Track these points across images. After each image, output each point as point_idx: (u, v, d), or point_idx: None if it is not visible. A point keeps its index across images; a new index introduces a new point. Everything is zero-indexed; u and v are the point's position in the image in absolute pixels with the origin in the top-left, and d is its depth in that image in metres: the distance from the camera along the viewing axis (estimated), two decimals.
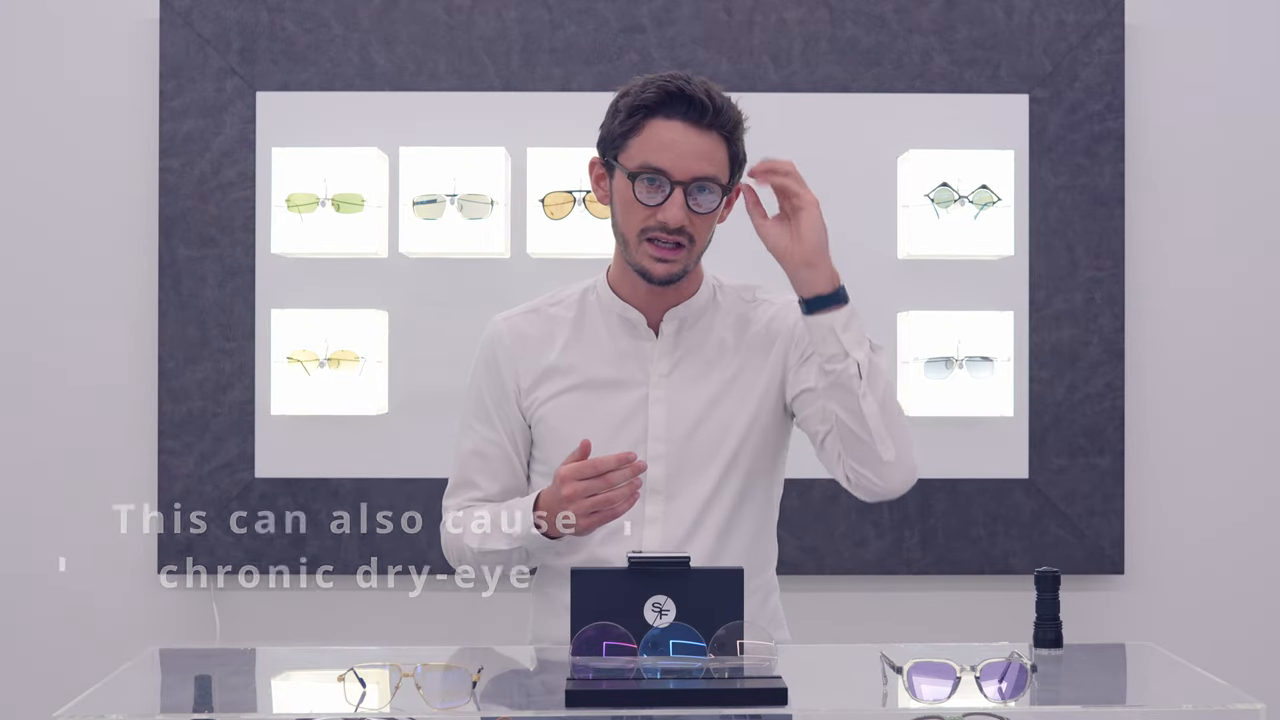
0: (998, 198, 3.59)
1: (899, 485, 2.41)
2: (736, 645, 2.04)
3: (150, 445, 3.68)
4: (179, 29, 3.65)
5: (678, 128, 2.37)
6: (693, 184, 2.37)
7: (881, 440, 2.36)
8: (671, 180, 2.36)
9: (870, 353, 2.36)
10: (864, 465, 2.39)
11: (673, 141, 2.37)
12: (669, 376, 2.49)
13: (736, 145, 2.43)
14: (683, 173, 2.36)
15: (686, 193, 2.37)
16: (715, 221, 2.44)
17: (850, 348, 2.34)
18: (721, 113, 2.38)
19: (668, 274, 2.41)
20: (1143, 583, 3.74)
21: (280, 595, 3.69)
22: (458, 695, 1.92)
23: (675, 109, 2.37)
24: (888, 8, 3.69)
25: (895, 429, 2.38)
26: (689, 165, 2.36)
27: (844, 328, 2.35)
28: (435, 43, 3.68)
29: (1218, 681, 2.06)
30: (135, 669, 2.23)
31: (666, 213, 2.36)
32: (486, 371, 2.54)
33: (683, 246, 2.39)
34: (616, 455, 2.29)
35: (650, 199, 2.38)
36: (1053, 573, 2.28)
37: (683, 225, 2.37)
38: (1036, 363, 3.68)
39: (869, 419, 2.35)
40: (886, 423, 2.36)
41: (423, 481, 3.63)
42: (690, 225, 2.38)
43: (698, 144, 2.37)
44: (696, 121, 2.37)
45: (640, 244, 2.40)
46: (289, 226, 3.58)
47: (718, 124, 2.39)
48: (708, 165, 2.38)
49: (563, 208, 3.55)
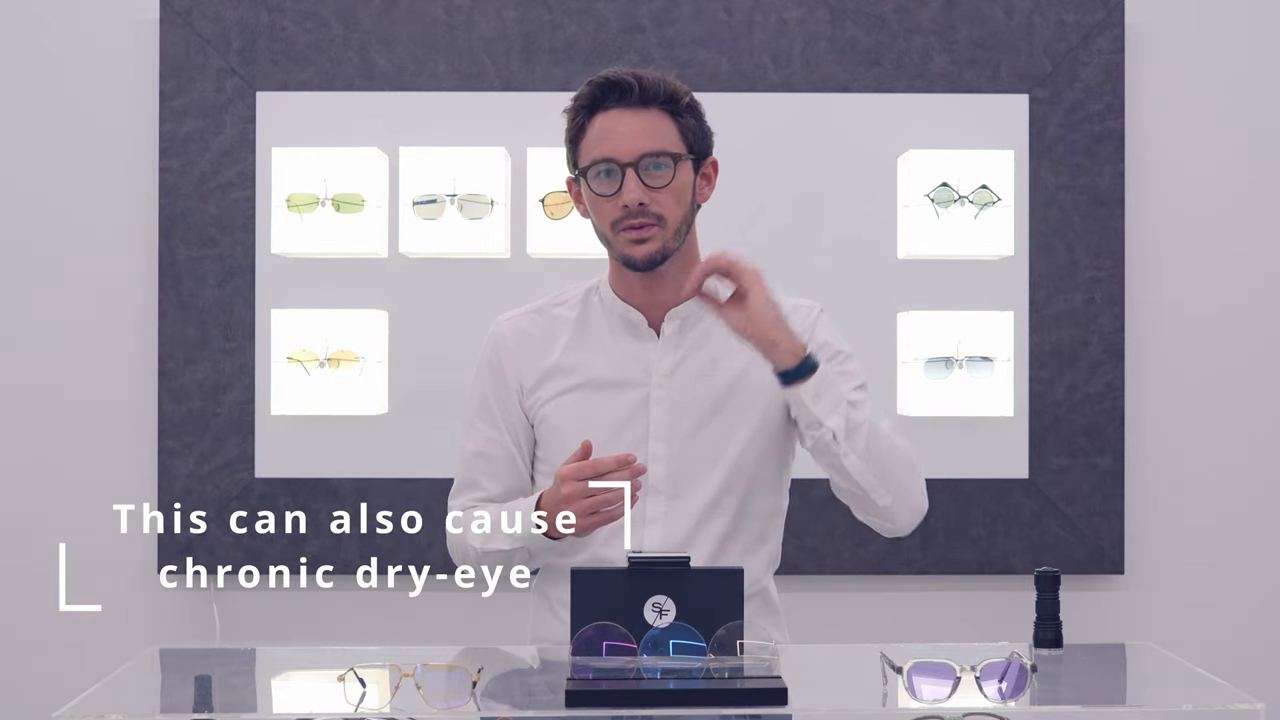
0: (998, 198, 3.59)
1: (906, 524, 2.44)
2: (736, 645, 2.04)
3: (150, 445, 3.68)
4: (179, 29, 3.66)
5: (614, 115, 2.41)
6: (641, 161, 2.39)
7: (874, 490, 2.39)
8: (620, 164, 2.39)
9: (848, 410, 2.36)
10: (864, 512, 2.44)
11: (611, 129, 2.40)
12: (671, 376, 2.49)
13: (685, 118, 2.44)
14: (627, 153, 2.39)
15: (639, 171, 2.39)
16: (688, 197, 2.44)
17: (823, 416, 2.36)
18: (649, 88, 2.41)
19: (648, 254, 2.42)
20: (1143, 583, 3.74)
21: (280, 595, 3.69)
22: (458, 695, 1.92)
23: (609, 100, 2.42)
24: (888, 8, 3.69)
25: (889, 475, 2.39)
26: (631, 145, 2.39)
27: (814, 399, 2.36)
28: (435, 43, 3.68)
29: (1218, 681, 2.06)
30: (135, 669, 2.23)
31: (624, 195, 2.39)
32: (490, 372, 2.55)
33: (653, 224, 2.40)
34: (616, 457, 2.30)
35: (607, 189, 2.40)
36: (1053, 573, 2.28)
37: (644, 203, 2.39)
38: (1036, 363, 3.68)
39: (855, 475, 2.38)
40: (876, 472, 2.38)
41: (423, 481, 3.63)
42: (653, 202, 2.39)
43: (636, 123, 2.40)
44: (630, 104, 2.41)
45: (617, 235, 2.43)
46: (289, 226, 3.58)
47: (651, 99, 2.41)
48: (651, 141, 2.40)
49: (563, 208, 3.55)
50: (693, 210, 2.46)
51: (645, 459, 2.43)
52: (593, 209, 2.44)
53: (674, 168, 2.41)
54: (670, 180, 2.40)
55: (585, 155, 2.43)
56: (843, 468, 2.38)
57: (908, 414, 3.61)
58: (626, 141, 2.39)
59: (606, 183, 2.40)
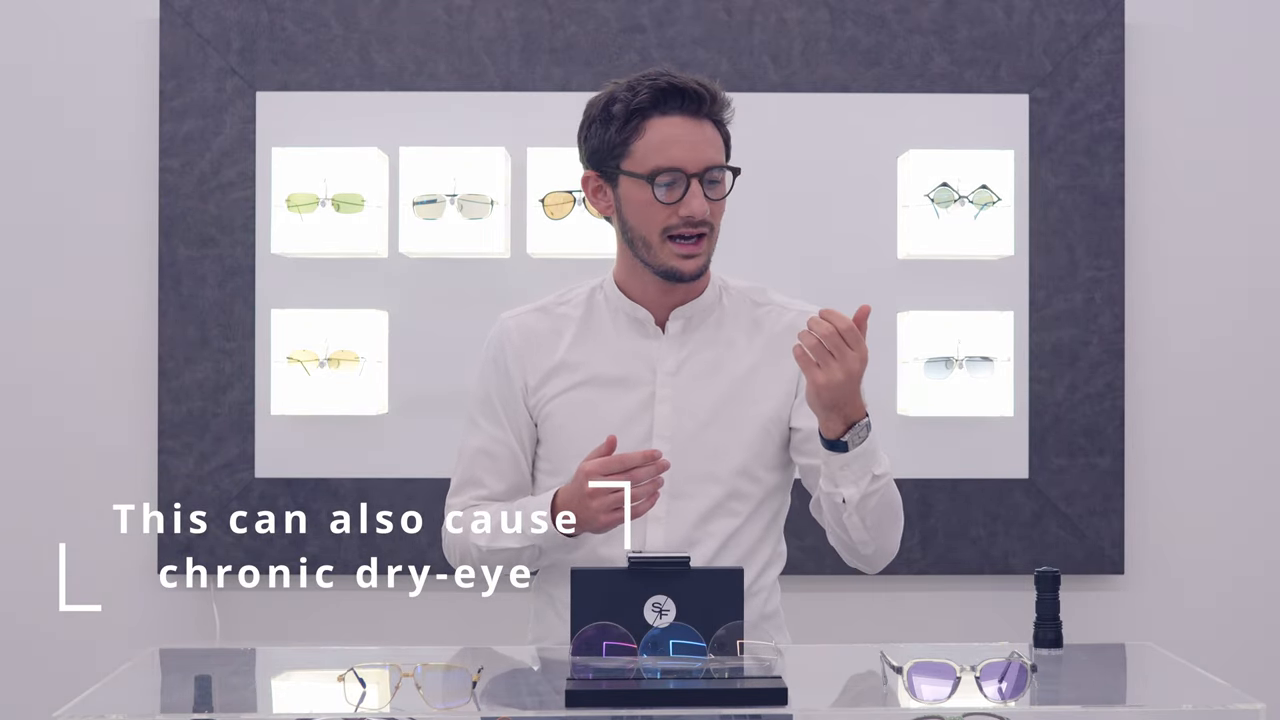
0: (998, 198, 3.59)
1: (875, 567, 2.50)
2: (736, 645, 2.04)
3: (150, 445, 3.68)
4: (179, 29, 3.66)
5: (678, 122, 2.40)
6: (705, 174, 2.40)
7: (862, 542, 2.43)
8: (687, 174, 2.38)
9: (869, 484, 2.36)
10: (839, 546, 2.48)
11: (678, 137, 2.39)
12: (676, 375, 2.49)
13: (726, 130, 2.46)
14: (695, 164, 2.39)
15: (702, 183, 2.39)
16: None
17: (844, 485, 2.37)
18: (717, 99, 2.42)
19: (697, 268, 2.44)
20: (1143, 583, 3.74)
21: (280, 595, 3.68)
22: (458, 695, 1.92)
23: (671, 105, 2.40)
24: (888, 8, 3.69)
25: (878, 531, 2.42)
26: (700, 156, 2.39)
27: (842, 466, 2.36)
28: (435, 43, 3.68)
29: (1218, 681, 2.07)
30: (135, 669, 2.23)
31: (689, 206, 2.39)
32: (494, 369, 2.54)
33: (704, 237, 2.42)
34: (642, 452, 2.30)
35: (669, 197, 2.39)
36: (1053, 573, 2.28)
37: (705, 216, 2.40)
38: (1036, 363, 3.68)
39: (850, 529, 2.41)
40: (869, 528, 2.41)
41: (423, 481, 3.63)
42: (710, 215, 2.41)
43: (701, 134, 2.41)
44: (695, 112, 2.41)
45: (664, 244, 2.42)
46: (289, 226, 3.58)
47: (713, 111, 2.42)
48: (715, 153, 2.42)
49: (563, 208, 3.55)
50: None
51: None
52: (640, 212, 2.42)
53: (728, 180, 2.44)
54: (726, 193, 2.43)
55: (644, 159, 2.40)
56: (841, 523, 2.41)
57: (908, 414, 3.61)
58: (694, 152, 2.39)
59: (670, 191, 2.40)
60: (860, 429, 2.33)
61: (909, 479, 3.64)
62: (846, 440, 2.33)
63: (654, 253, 2.43)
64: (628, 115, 2.41)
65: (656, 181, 2.39)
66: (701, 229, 2.41)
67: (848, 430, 2.33)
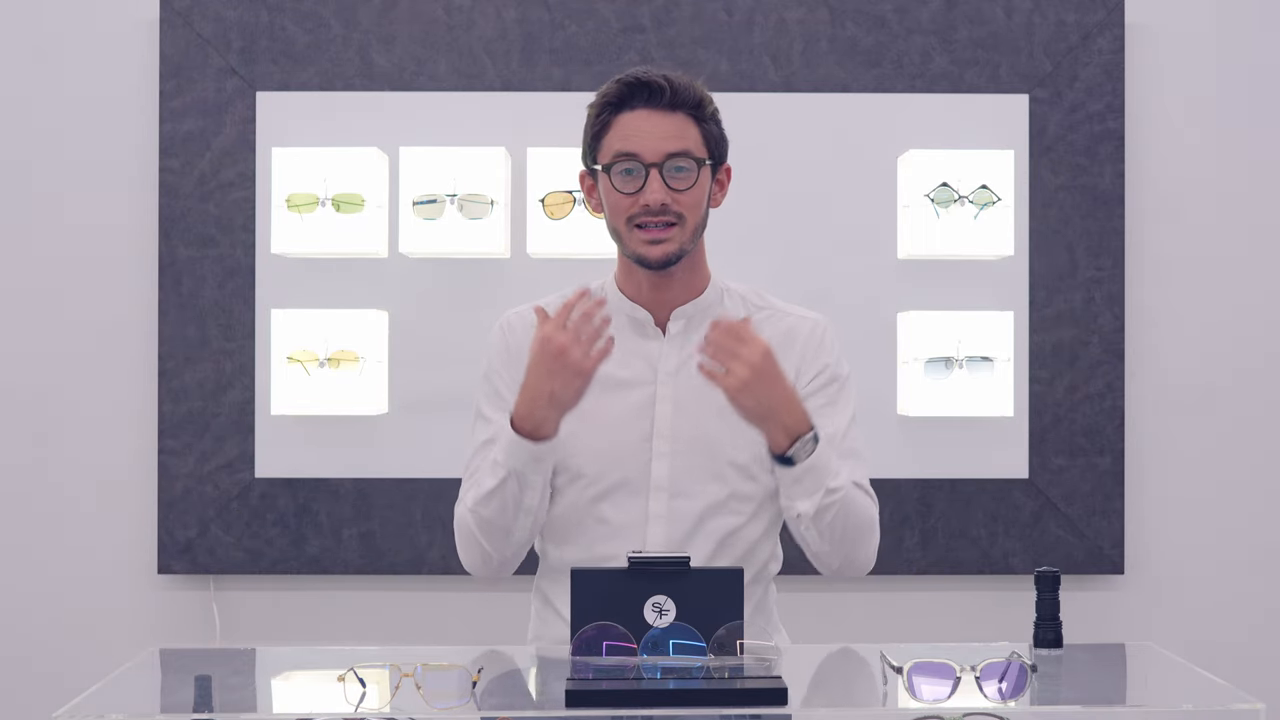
0: (998, 198, 3.59)
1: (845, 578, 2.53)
2: (736, 645, 2.04)
3: (150, 445, 3.68)
4: (179, 29, 3.66)
5: (641, 114, 2.44)
6: (666, 163, 2.42)
7: (825, 553, 2.44)
8: (644, 163, 2.42)
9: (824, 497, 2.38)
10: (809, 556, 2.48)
11: (638, 128, 2.43)
12: (676, 375, 2.49)
13: (708, 125, 2.47)
14: (653, 154, 2.42)
15: (663, 172, 2.42)
16: (705, 200, 2.47)
17: (797, 499, 2.40)
18: (680, 92, 2.44)
19: (664, 254, 2.44)
20: (1143, 583, 3.74)
21: (280, 595, 3.69)
22: (458, 695, 1.92)
23: (637, 99, 2.44)
24: (888, 8, 3.69)
25: (842, 546, 2.43)
26: (658, 145, 2.42)
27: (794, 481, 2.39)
28: (435, 43, 3.68)
29: (1218, 681, 2.07)
30: (135, 669, 2.23)
31: (647, 195, 2.42)
32: (502, 360, 2.54)
33: (674, 225, 2.44)
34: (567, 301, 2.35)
35: (628, 186, 2.43)
36: (1053, 573, 2.28)
37: (665, 204, 2.42)
38: (1036, 363, 3.68)
39: (809, 542, 2.43)
40: (832, 544, 2.42)
41: (423, 481, 3.63)
42: (675, 203, 2.43)
43: (663, 125, 2.43)
44: (658, 105, 2.43)
45: (631, 232, 2.45)
46: (289, 226, 3.58)
47: (679, 103, 2.44)
48: (677, 143, 2.43)
49: (563, 208, 3.55)
50: (707, 214, 2.49)
51: (649, 457, 2.45)
52: (609, 204, 2.47)
53: (696, 171, 2.44)
54: (693, 183, 2.44)
55: (607, 151, 2.45)
56: (801, 536, 2.44)
57: (908, 414, 3.61)
58: (652, 141, 2.42)
59: (629, 180, 2.43)
60: (806, 442, 2.37)
61: (909, 479, 3.65)
62: (792, 455, 2.36)
63: (625, 242, 2.47)
64: (598, 111, 2.47)
65: (613, 171, 2.43)
66: (665, 217, 2.42)
67: (792, 444, 2.36)
